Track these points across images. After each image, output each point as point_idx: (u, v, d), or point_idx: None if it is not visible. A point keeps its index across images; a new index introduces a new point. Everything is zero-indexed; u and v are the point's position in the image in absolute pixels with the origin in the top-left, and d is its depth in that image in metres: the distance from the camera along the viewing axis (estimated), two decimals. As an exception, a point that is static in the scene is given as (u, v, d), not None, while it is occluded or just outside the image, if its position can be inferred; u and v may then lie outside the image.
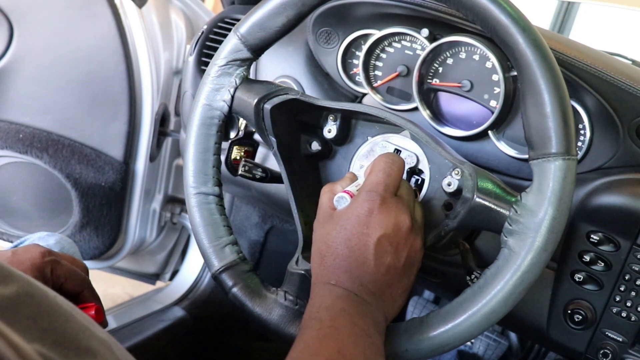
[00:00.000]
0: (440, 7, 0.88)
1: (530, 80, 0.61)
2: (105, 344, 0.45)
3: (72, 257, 0.78)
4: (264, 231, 1.68)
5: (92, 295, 0.76)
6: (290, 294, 0.71)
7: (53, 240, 0.94)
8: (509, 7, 0.62)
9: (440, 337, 0.64)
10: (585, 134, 0.85)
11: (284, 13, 0.72)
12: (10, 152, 1.43)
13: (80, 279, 0.74)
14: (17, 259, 0.70)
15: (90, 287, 0.76)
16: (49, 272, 0.71)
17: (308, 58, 1.06)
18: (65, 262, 0.73)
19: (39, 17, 1.40)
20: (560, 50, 0.82)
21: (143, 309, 1.55)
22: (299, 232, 0.76)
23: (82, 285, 0.74)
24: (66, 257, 0.76)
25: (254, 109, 0.75)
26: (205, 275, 1.71)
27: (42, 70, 1.42)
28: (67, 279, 0.73)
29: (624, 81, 0.81)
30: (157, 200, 1.66)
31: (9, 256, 0.71)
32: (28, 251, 0.71)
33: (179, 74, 1.59)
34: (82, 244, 1.52)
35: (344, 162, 0.80)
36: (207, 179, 0.77)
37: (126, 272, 1.80)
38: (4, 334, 0.36)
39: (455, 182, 0.70)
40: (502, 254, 0.63)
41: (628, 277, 0.80)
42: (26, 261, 0.70)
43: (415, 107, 0.95)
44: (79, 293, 0.74)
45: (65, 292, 0.73)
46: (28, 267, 0.69)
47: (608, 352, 0.83)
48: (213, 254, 0.75)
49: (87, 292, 0.75)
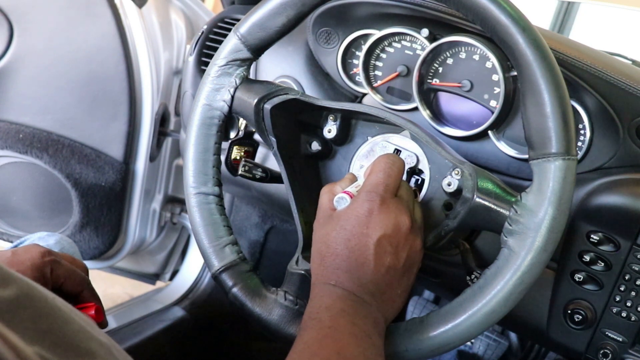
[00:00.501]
0: (440, 7, 0.88)
1: (530, 80, 0.61)
2: (104, 346, 0.45)
3: (72, 257, 0.78)
4: (264, 231, 1.68)
5: (92, 295, 0.76)
6: (290, 294, 0.71)
7: (53, 240, 0.94)
8: (509, 7, 0.62)
9: (440, 337, 0.64)
10: (585, 134, 0.85)
11: (284, 13, 0.72)
12: (10, 152, 1.43)
13: (80, 279, 0.74)
14: (17, 259, 0.70)
15: (90, 287, 0.76)
16: (48, 272, 0.71)
17: (308, 58, 1.06)
18: (65, 262, 0.73)
19: (39, 17, 1.40)
20: (560, 50, 0.82)
21: (143, 309, 1.55)
22: (299, 232, 0.76)
23: (82, 285, 0.74)
24: (66, 257, 0.76)
25: (254, 109, 0.75)
26: (205, 275, 1.71)
27: (42, 70, 1.42)
28: (66, 279, 0.73)
29: (624, 81, 0.81)
30: (157, 200, 1.66)
31: (8, 256, 0.71)
32: (28, 251, 0.71)
33: (179, 74, 1.59)
34: (82, 244, 1.52)
35: (344, 162, 0.80)
36: (207, 179, 0.77)
37: (126, 272, 1.80)
38: (4, 336, 0.36)
39: (455, 182, 0.70)
40: (502, 254, 0.63)
41: (628, 277, 0.80)
42: (26, 261, 0.70)
43: (415, 107, 0.95)
44: (79, 293, 0.74)
45: (65, 292, 0.73)
46: (28, 267, 0.69)
47: (608, 352, 0.83)
48: (213, 254, 0.75)
49: (87, 292, 0.75)
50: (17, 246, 0.88)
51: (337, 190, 0.70)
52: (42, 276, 0.70)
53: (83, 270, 0.77)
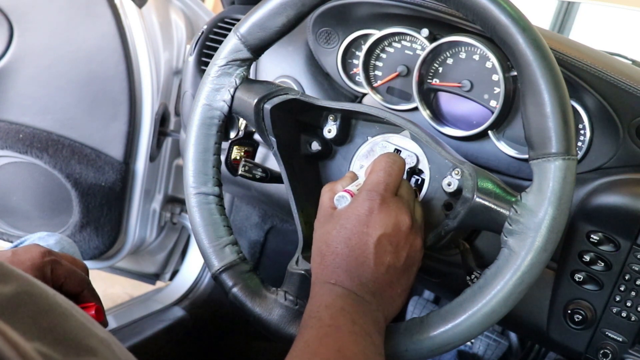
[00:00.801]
0: (440, 7, 0.89)
1: (531, 80, 0.61)
2: (105, 343, 0.45)
3: (73, 257, 0.78)
4: (264, 231, 1.68)
5: (92, 295, 0.76)
6: (290, 294, 0.71)
7: (53, 240, 0.95)
8: (509, 7, 0.62)
9: (440, 337, 0.64)
10: (585, 134, 0.85)
11: (284, 13, 0.72)
12: (10, 152, 1.43)
13: (80, 278, 0.74)
14: (17, 258, 0.70)
15: (90, 287, 0.76)
16: (49, 272, 0.71)
17: (308, 58, 1.06)
18: (65, 262, 0.73)
19: (39, 17, 1.40)
20: (560, 50, 0.82)
21: (143, 309, 1.55)
22: (299, 232, 0.76)
23: (82, 285, 0.74)
24: (66, 257, 0.76)
25: (254, 109, 0.75)
26: (205, 275, 1.71)
27: (42, 70, 1.42)
28: (67, 279, 0.73)
29: (624, 81, 0.81)
30: (157, 200, 1.66)
31: (9, 256, 0.71)
32: (28, 251, 0.71)
33: (179, 74, 1.59)
34: (82, 244, 1.52)
35: (344, 162, 0.80)
36: (207, 179, 0.77)
37: (126, 272, 1.80)
38: (4, 333, 0.36)
39: (455, 182, 0.70)
40: (502, 254, 0.63)
41: (628, 277, 0.80)
42: (26, 261, 0.70)
43: (415, 107, 0.95)
44: (79, 293, 0.74)
45: (65, 292, 0.73)
46: (28, 267, 0.69)
47: (608, 352, 0.83)
48: (213, 254, 0.75)
49: (87, 292, 0.75)
50: (17, 246, 0.88)
51: (338, 189, 0.70)
52: (42, 276, 0.70)
53: (83, 270, 0.77)
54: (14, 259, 0.70)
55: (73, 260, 0.77)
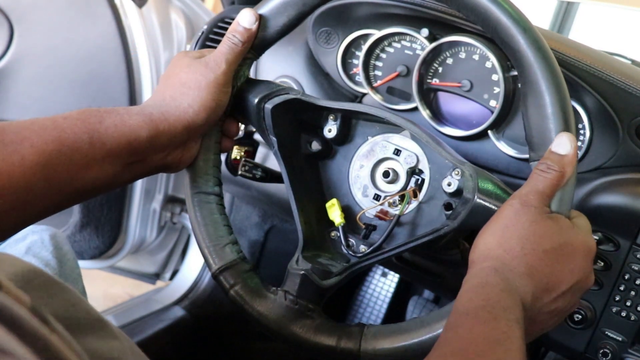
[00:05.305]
0: (440, 7, 0.89)
1: (531, 82, 0.61)
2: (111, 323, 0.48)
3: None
4: (264, 231, 1.68)
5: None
6: (290, 293, 0.71)
7: (47, 234, 0.94)
8: (510, 8, 0.62)
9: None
10: (585, 134, 0.85)
11: (285, 13, 0.72)
12: (10, 152, 1.43)
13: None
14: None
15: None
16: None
17: (308, 58, 1.06)
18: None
19: (39, 17, 1.40)
20: (560, 50, 0.82)
21: (143, 309, 1.55)
22: (299, 232, 0.76)
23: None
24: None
25: (255, 108, 0.75)
26: (205, 275, 1.71)
27: (42, 70, 1.42)
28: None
29: (624, 81, 0.81)
30: (157, 200, 1.66)
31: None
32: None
33: (179, 74, 1.59)
34: (82, 244, 1.52)
35: (344, 162, 0.80)
36: (207, 179, 0.77)
37: (126, 271, 1.80)
38: (16, 296, 0.36)
39: (455, 183, 0.70)
40: (502, 254, 0.63)
41: (628, 276, 0.80)
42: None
43: (415, 107, 0.95)
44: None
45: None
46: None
47: (608, 351, 0.83)
48: (213, 254, 0.75)
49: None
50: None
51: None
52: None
53: None
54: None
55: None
